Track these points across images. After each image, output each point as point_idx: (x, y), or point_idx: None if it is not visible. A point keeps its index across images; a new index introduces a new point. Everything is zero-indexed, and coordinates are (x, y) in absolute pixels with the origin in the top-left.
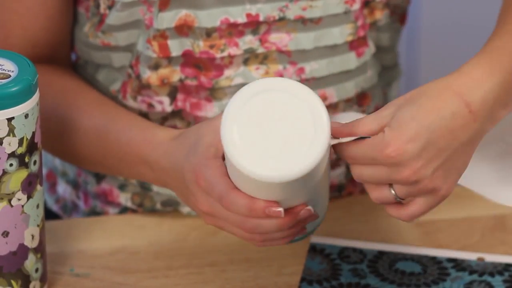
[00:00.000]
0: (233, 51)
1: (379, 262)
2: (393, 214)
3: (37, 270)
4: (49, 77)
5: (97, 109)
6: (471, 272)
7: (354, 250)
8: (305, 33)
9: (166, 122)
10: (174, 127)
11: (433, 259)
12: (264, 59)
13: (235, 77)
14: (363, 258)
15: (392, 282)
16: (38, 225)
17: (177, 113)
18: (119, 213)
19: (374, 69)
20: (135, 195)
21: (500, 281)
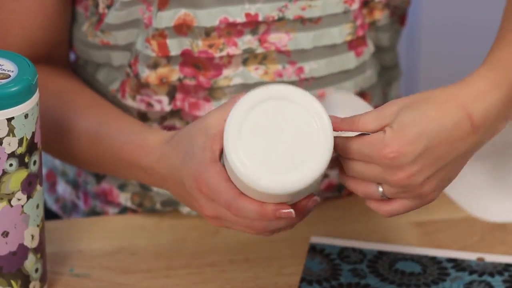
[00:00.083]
0: (232, 50)
1: (379, 262)
2: (373, 207)
3: (37, 270)
4: (45, 79)
5: (90, 112)
6: (471, 272)
7: (354, 250)
8: (304, 32)
9: (165, 121)
10: (173, 127)
11: (433, 259)
12: (263, 59)
13: (234, 77)
14: (363, 258)
15: (392, 282)
16: (38, 225)
17: (176, 113)
18: (119, 213)
19: (373, 69)
20: (135, 195)
21: (500, 281)
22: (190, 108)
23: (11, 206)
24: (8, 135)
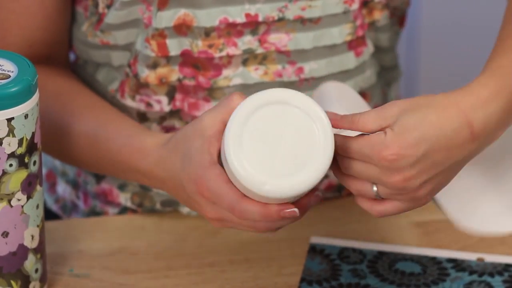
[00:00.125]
0: (231, 51)
1: (379, 262)
2: (364, 206)
3: (36, 270)
4: (43, 80)
5: (88, 114)
6: (471, 272)
7: (354, 250)
8: (304, 33)
9: (164, 121)
10: (172, 127)
11: (433, 259)
12: (263, 59)
13: (233, 77)
14: (363, 258)
15: (392, 282)
16: (38, 226)
17: (176, 113)
18: (119, 213)
19: (372, 69)
20: (134, 195)
21: (499, 281)
22: (189, 108)
23: (11, 206)
24: (8, 135)
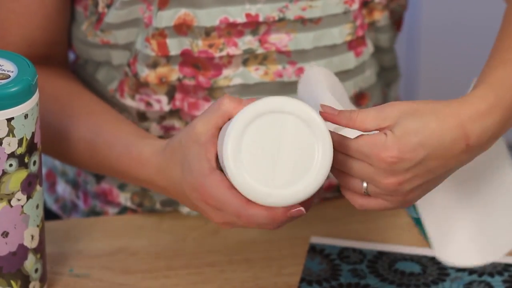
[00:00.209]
0: (232, 50)
1: (379, 262)
2: (347, 197)
3: (36, 270)
4: (42, 82)
5: (86, 120)
6: (471, 272)
7: (353, 250)
8: (304, 33)
9: (164, 121)
10: (172, 127)
11: (433, 259)
12: (263, 59)
13: (234, 77)
14: (363, 258)
15: (391, 282)
16: (37, 226)
17: (175, 113)
18: (119, 213)
19: (372, 69)
20: (134, 195)
21: (499, 281)
22: (189, 108)
23: (11, 206)
24: (8, 135)
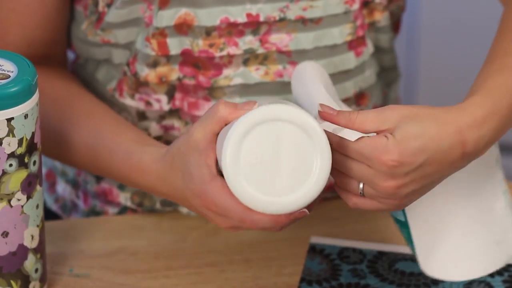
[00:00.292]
0: (232, 50)
1: (379, 262)
2: (341, 195)
3: (36, 270)
4: (41, 83)
5: (86, 124)
6: None
7: (353, 250)
8: (305, 33)
9: (163, 120)
10: (171, 126)
11: None
12: (264, 59)
13: (234, 77)
14: (363, 258)
15: (391, 282)
16: (37, 226)
17: (175, 112)
18: (119, 213)
19: (372, 69)
20: (134, 195)
21: (499, 281)
22: (189, 107)
23: (11, 206)
24: (8, 135)
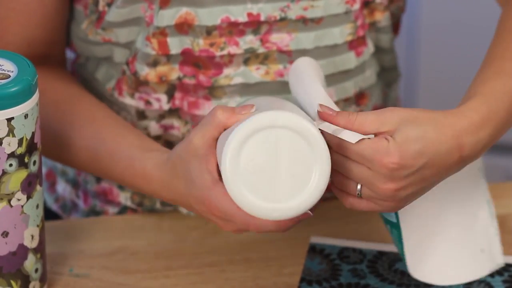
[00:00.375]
0: (233, 50)
1: (379, 262)
2: (338, 195)
3: (36, 270)
4: (42, 85)
5: (88, 128)
6: None
7: (353, 250)
8: (306, 33)
9: (163, 120)
10: (171, 126)
11: None
12: (264, 59)
13: (234, 76)
14: (363, 258)
15: (391, 282)
16: (37, 225)
17: (175, 112)
18: (119, 212)
19: (372, 69)
20: (134, 194)
21: (499, 281)
22: (189, 107)
23: (11, 206)
24: (8, 135)
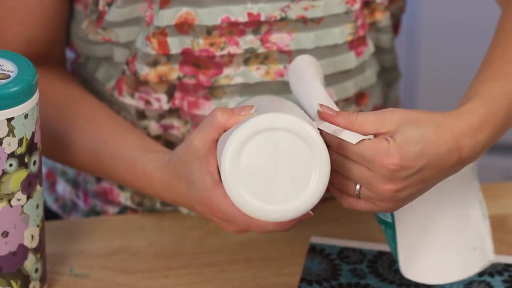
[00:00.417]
0: (233, 49)
1: (379, 262)
2: (336, 195)
3: (36, 270)
4: (42, 85)
5: (88, 129)
6: None
7: (353, 250)
8: (306, 33)
9: (163, 119)
10: (170, 126)
11: None
12: (264, 59)
13: (234, 76)
14: (363, 258)
15: (391, 282)
16: (37, 225)
17: (174, 111)
18: (119, 212)
19: (372, 69)
20: (134, 194)
21: (499, 281)
22: (189, 107)
23: (11, 206)
24: (8, 135)
